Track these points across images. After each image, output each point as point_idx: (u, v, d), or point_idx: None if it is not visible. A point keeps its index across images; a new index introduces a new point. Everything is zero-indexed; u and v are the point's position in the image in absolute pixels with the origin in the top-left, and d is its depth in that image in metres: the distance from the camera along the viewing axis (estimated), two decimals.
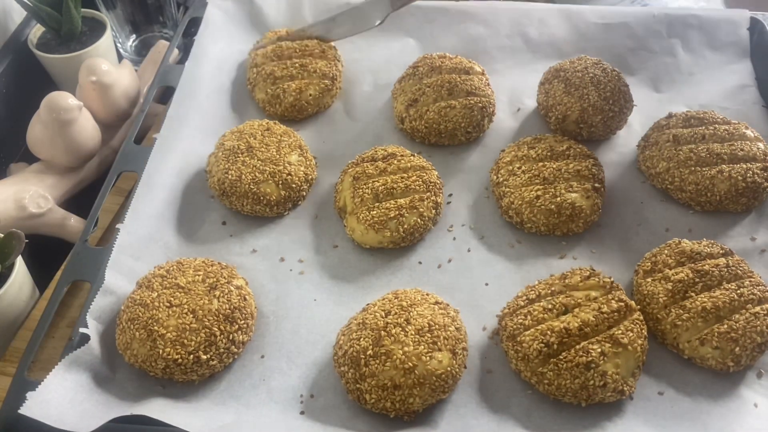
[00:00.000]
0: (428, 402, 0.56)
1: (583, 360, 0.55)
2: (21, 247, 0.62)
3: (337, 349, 0.59)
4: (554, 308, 0.59)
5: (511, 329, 0.59)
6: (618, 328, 0.57)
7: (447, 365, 0.56)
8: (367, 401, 0.55)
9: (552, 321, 0.58)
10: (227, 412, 0.57)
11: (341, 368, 0.57)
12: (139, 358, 0.58)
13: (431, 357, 0.55)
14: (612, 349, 0.56)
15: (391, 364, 0.55)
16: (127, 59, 0.89)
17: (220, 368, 0.60)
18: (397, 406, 0.55)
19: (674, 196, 0.72)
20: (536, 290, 0.61)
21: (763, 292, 0.60)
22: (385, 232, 0.67)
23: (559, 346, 0.56)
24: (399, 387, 0.54)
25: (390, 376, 0.55)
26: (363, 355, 0.56)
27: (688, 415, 0.57)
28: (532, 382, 0.58)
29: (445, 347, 0.56)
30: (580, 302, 0.59)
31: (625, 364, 0.56)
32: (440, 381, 0.55)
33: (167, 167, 0.74)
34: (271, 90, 0.81)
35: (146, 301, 0.60)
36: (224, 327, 0.59)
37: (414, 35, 0.92)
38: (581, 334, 0.57)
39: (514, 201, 0.70)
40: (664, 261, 0.63)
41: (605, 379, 0.55)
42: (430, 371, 0.55)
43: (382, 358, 0.55)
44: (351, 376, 0.56)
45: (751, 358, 0.59)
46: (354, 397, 0.57)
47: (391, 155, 0.72)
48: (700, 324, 0.59)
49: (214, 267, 0.63)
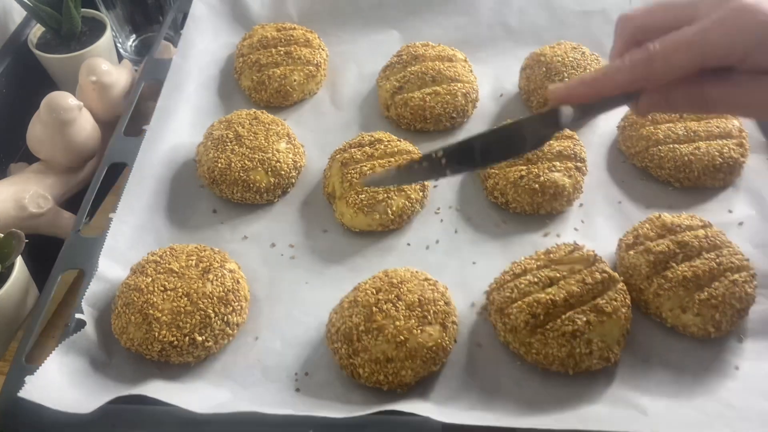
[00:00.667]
0: (420, 374, 0.57)
1: (569, 329, 0.57)
2: (21, 247, 0.63)
3: (329, 327, 0.60)
4: (540, 281, 0.61)
5: (499, 303, 0.61)
6: (602, 298, 0.59)
7: (437, 338, 0.57)
8: (360, 375, 0.57)
9: (538, 293, 0.60)
10: (223, 391, 0.58)
11: (334, 345, 0.58)
12: (135, 341, 0.59)
13: (422, 330, 0.57)
14: (597, 318, 0.58)
15: (383, 338, 0.56)
16: (127, 59, 0.89)
17: (215, 350, 0.61)
18: (390, 378, 0.56)
19: (654, 174, 0.74)
20: (522, 265, 0.63)
21: (741, 261, 0.62)
22: (374, 215, 0.69)
23: (545, 317, 0.58)
24: (391, 360, 0.56)
25: (382, 350, 0.56)
26: (356, 330, 0.57)
27: (672, 381, 0.59)
28: (520, 353, 0.59)
29: (435, 321, 0.58)
30: (565, 275, 0.61)
31: (610, 332, 0.58)
32: (431, 353, 0.57)
33: (157, 158, 0.75)
34: (256, 77, 0.82)
35: (141, 285, 0.61)
36: (218, 309, 0.60)
37: (397, 26, 0.94)
38: (566, 304, 0.58)
39: (498, 182, 0.71)
40: (646, 234, 0.65)
41: (591, 346, 0.57)
42: (421, 344, 0.56)
43: (374, 332, 0.57)
44: (344, 351, 0.57)
45: (731, 324, 0.60)
46: (348, 372, 0.58)
47: (377, 140, 0.74)
48: (682, 293, 0.60)
49: (207, 252, 0.65)
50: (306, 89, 0.84)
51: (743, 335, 0.62)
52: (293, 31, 0.86)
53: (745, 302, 0.61)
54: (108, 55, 0.90)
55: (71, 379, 0.56)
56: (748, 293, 0.61)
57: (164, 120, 0.78)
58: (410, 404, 0.55)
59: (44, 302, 0.61)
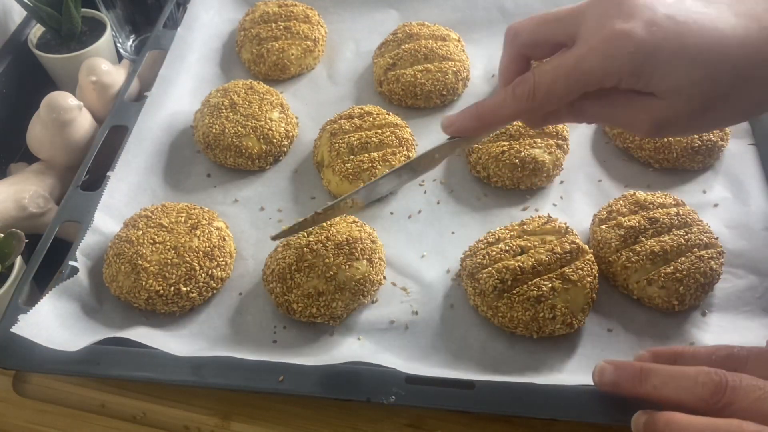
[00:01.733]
0: (351, 306, 0.62)
1: (534, 294, 0.59)
2: (21, 247, 0.64)
3: (265, 270, 0.65)
4: (511, 249, 0.63)
5: (470, 268, 0.63)
6: (569, 267, 0.61)
7: (364, 272, 0.62)
8: (295, 310, 0.62)
9: (508, 260, 0.62)
10: (205, 340, 0.62)
11: (270, 285, 0.63)
12: (123, 289, 0.62)
13: (350, 266, 0.62)
14: (562, 285, 0.60)
15: (314, 274, 0.61)
16: (127, 59, 0.90)
17: (199, 301, 0.64)
18: (322, 311, 0.61)
19: (635, 154, 0.76)
20: (496, 235, 0.65)
21: (709, 239, 0.64)
22: (359, 183, 0.71)
23: (513, 282, 0.60)
24: (322, 293, 0.61)
25: (314, 285, 0.61)
26: (288, 270, 0.62)
27: (634, 350, 0.60)
28: (488, 316, 0.62)
29: (362, 257, 0.63)
30: (536, 244, 0.63)
31: (574, 299, 0.60)
32: (359, 285, 0.62)
33: (156, 123, 0.79)
34: (255, 50, 0.85)
35: (131, 238, 0.64)
36: (203, 262, 0.64)
37: (396, 6, 0.96)
38: (534, 271, 0.61)
39: (481, 156, 0.74)
40: (619, 210, 0.67)
41: (555, 312, 0.59)
42: (349, 277, 0.61)
43: (305, 270, 0.62)
44: (279, 290, 0.62)
45: (695, 298, 0.62)
46: (283, 309, 0.62)
47: (367, 113, 0.77)
48: (649, 266, 0.62)
49: (196, 210, 0.68)
50: (303, 63, 0.87)
51: (708, 310, 0.64)
52: (294, 8, 0.89)
53: (710, 278, 0.62)
54: (108, 55, 0.90)
55: (62, 320, 0.60)
56: (714, 269, 0.62)
57: (165, 87, 0.82)
58: (378, 356, 0.58)
59: (42, 249, 0.65)
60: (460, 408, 0.55)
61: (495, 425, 0.58)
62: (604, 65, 0.45)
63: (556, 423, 0.57)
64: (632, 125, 0.49)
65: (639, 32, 0.43)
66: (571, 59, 0.46)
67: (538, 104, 0.48)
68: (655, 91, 0.45)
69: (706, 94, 0.45)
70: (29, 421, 0.60)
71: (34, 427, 0.60)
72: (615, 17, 0.44)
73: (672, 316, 0.63)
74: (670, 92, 0.45)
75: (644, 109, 0.47)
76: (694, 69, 0.44)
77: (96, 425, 0.60)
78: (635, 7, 0.44)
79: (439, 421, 0.59)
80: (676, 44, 0.43)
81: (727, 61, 0.43)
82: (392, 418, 0.59)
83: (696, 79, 0.44)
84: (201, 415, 0.60)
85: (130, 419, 0.60)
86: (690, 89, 0.44)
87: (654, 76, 0.44)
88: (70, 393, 0.61)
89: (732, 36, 0.43)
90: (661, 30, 0.43)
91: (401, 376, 0.55)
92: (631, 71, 0.44)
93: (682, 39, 0.43)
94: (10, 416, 0.60)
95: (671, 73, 0.44)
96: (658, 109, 0.46)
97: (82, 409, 0.60)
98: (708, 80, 0.44)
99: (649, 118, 0.47)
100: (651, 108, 0.46)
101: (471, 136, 0.53)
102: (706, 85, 0.44)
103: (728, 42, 0.43)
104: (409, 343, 0.62)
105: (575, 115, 0.51)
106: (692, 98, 0.45)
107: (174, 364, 0.57)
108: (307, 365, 0.56)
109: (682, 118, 0.46)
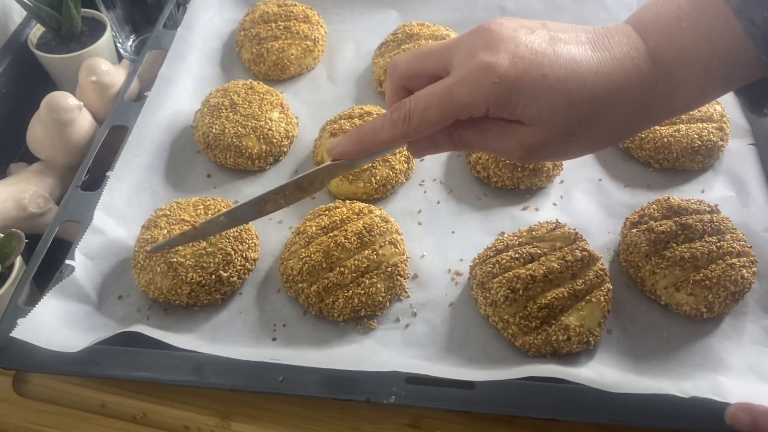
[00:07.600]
0: (392, 292, 0.63)
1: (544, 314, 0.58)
2: (21, 247, 0.64)
3: (286, 272, 0.64)
4: (521, 257, 0.62)
5: (480, 277, 0.63)
6: (581, 278, 0.60)
7: (392, 253, 0.64)
8: (335, 308, 0.61)
9: (518, 269, 0.61)
10: (203, 338, 0.62)
11: (299, 285, 0.63)
12: (163, 289, 0.62)
13: (374, 251, 0.63)
14: (575, 305, 0.59)
15: (347, 268, 0.62)
16: (127, 59, 0.90)
17: (239, 284, 0.65)
18: (364, 300, 0.61)
19: (635, 154, 0.76)
20: (504, 241, 0.65)
21: (742, 247, 0.62)
22: (359, 183, 0.72)
23: (524, 292, 0.59)
24: (360, 285, 0.62)
25: (351, 278, 0.62)
26: (319, 268, 0.62)
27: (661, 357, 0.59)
28: (498, 327, 0.61)
29: (385, 242, 0.64)
30: (546, 251, 0.62)
31: (590, 315, 0.59)
32: (392, 267, 0.63)
33: (156, 123, 0.79)
34: (255, 50, 0.86)
35: (158, 238, 0.64)
36: (236, 246, 0.65)
37: (396, 6, 0.96)
38: (546, 280, 0.59)
39: (481, 157, 0.74)
40: (651, 214, 0.66)
41: (569, 332, 0.58)
42: (380, 261, 0.63)
43: (336, 265, 0.62)
44: (313, 290, 0.62)
45: (724, 306, 0.60)
46: (315, 310, 0.62)
47: (367, 113, 0.77)
48: (678, 272, 0.61)
49: (211, 201, 0.69)
50: (303, 63, 0.87)
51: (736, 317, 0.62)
52: (294, 8, 0.89)
53: (741, 286, 0.60)
54: (108, 55, 0.89)
55: (61, 321, 0.60)
56: (745, 278, 0.60)
57: (165, 87, 0.82)
58: (378, 356, 0.58)
59: (41, 251, 0.65)
60: (460, 408, 0.55)
61: (495, 425, 0.58)
62: (472, 94, 0.47)
63: (556, 423, 0.57)
64: (505, 151, 0.51)
65: (502, 64, 0.46)
66: (443, 88, 0.48)
67: (413, 130, 0.50)
68: (521, 118, 0.48)
69: (567, 121, 0.47)
70: (29, 421, 0.60)
71: (34, 427, 0.60)
72: (481, 50, 0.47)
73: (699, 323, 0.62)
74: (534, 120, 0.47)
75: (514, 136, 0.49)
76: (555, 98, 0.46)
77: (96, 425, 0.60)
78: (500, 41, 0.47)
79: (439, 421, 0.59)
80: (538, 75, 0.46)
81: (584, 89, 0.46)
82: (392, 418, 0.59)
83: (558, 108, 0.46)
84: (201, 415, 0.60)
85: (129, 419, 0.60)
86: (552, 117, 0.47)
87: (518, 105, 0.47)
88: (69, 393, 0.61)
89: (587, 65, 0.46)
90: (523, 62, 0.46)
91: (401, 376, 0.56)
92: (497, 100, 0.47)
93: (543, 70, 0.46)
94: (10, 416, 0.60)
95: (534, 102, 0.46)
96: (525, 136, 0.48)
97: (82, 409, 0.60)
98: (568, 108, 0.47)
99: (518, 144, 0.49)
100: (519, 135, 0.49)
101: (352, 158, 0.54)
102: (567, 112, 0.47)
103: (584, 71, 0.46)
104: (409, 343, 0.62)
105: (454, 143, 0.53)
106: (556, 125, 0.47)
107: (174, 364, 0.57)
108: (306, 367, 0.56)
109: (548, 143, 0.49)
